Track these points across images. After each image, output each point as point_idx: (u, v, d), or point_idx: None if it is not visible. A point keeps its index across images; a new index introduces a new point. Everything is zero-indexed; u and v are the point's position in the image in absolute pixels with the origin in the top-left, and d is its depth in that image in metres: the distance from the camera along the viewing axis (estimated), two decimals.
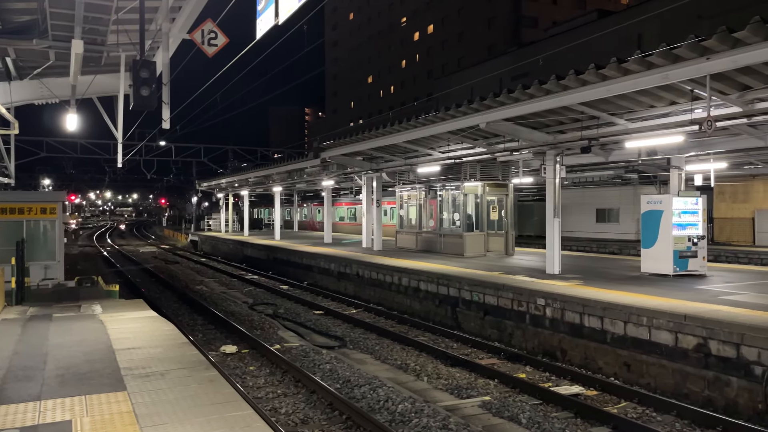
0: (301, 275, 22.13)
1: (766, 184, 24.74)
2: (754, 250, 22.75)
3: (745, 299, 9.85)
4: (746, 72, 9.31)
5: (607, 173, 22.58)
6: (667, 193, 14.16)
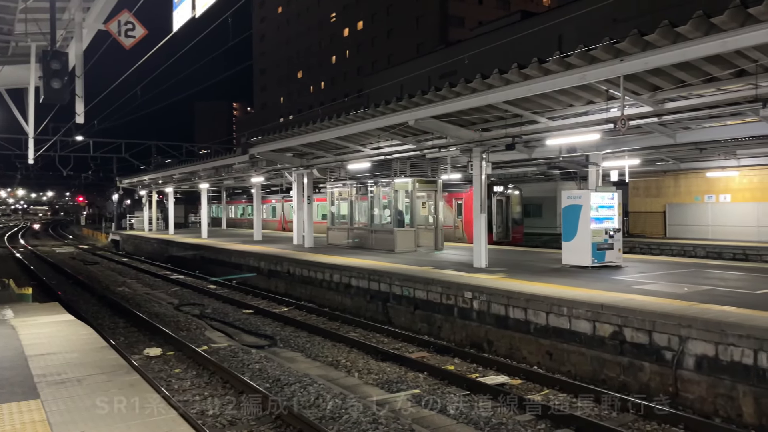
0: (230, 274, 21.65)
1: (676, 180, 26.32)
2: (665, 242, 24.20)
3: (656, 288, 10.47)
4: (656, 73, 9.85)
5: (531, 170, 23.37)
6: (586, 189, 14.84)
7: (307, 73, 78.94)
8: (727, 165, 22.38)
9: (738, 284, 10.97)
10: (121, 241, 40.08)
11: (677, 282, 11.20)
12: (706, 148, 17.24)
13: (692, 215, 25.89)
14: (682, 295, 9.59)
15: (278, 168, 23.78)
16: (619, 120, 9.67)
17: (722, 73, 9.24)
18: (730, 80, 9.51)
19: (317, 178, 23.90)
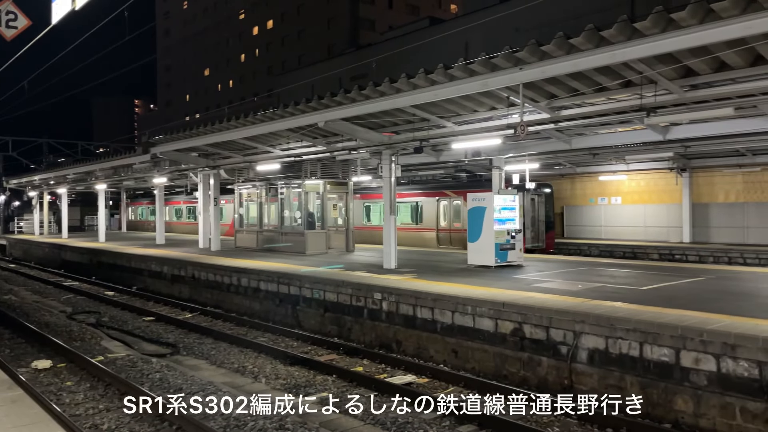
0: (129, 280, 20.59)
1: (572, 183, 27.85)
2: (563, 242, 25.55)
3: (553, 286, 11.02)
4: (553, 82, 10.38)
5: (439, 173, 23.92)
6: (490, 191, 15.38)
7: (214, 70, 76.60)
8: (617, 169, 24.00)
9: (627, 281, 11.76)
10: (9, 246, 37.08)
11: (572, 280, 11.84)
12: (599, 153, 18.36)
13: (587, 216, 27.50)
14: (577, 292, 10.16)
15: (183, 168, 22.92)
16: (518, 126, 10.10)
17: (612, 84, 9.89)
18: (618, 90, 10.20)
19: (225, 179, 23.24)
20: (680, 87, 9.37)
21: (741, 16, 7.08)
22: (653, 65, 8.93)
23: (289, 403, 7.21)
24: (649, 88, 9.52)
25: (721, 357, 6.92)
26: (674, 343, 7.29)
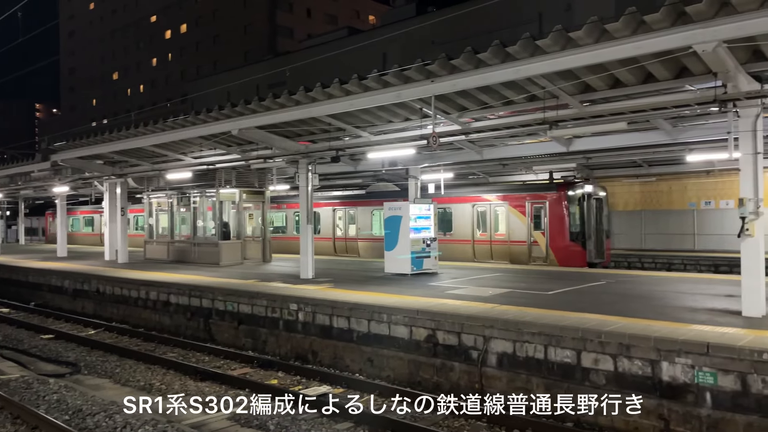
0: (26, 296, 19.23)
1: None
2: None
3: (466, 292, 11.31)
4: (463, 95, 10.71)
5: (357, 182, 24.01)
6: (407, 201, 15.60)
7: (124, 74, 73.35)
8: (527, 179, 24.98)
9: (534, 286, 12.25)
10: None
11: (483, 286, 12.21)
12: (508, 163, 19.07)
13: None
14: (487, 298, 10.48)
15: (87, 177, 21.76)
16: (431, 137, 10.33)
17: (518, 97, 10.33)
18: (524, 104, 10.66)
19: (133, 188, 22.26)
20: (580, 102, 9.92)
21: (632, 36, 7.61)
22: (555, 81, 9.41)
23: (197, 420, 6.96)
24: (552, 102, 10.02)
25: (617, 357, 7.35)
26: (576, 345, 7.67)
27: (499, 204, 19.02)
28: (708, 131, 11.44)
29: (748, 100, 8.19)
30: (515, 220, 18.39)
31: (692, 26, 7.11)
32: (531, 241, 18.01)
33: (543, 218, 17.82)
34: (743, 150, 8.36)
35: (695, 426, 6.65)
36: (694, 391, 6.76)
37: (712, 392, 6.65)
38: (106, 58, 74.76)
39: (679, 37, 7.25)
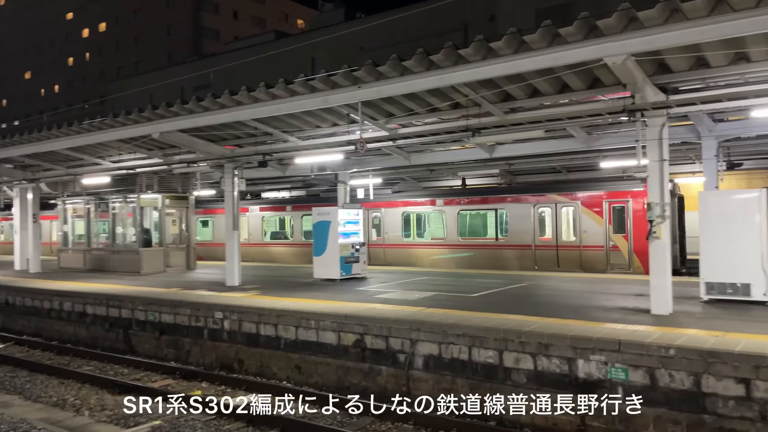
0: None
1: None
2: None
3: (393, 296, 11.41)
4: (390, 102, 10.85)
5: (286, 186, 23.79)
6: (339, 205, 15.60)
7: (37, 74, 69.31)
8: (453, 184, 25.51)
9: (459, 288, 12.52)
10: None
11: (411, 289, 12.35)
12: (435, 169, 19.42)
13: None
14: (414, 301, 10.63)
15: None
16: (358, 142, 10.38)
17: (442, 105, 10.56)
18: (448, 111, 10.91)
19: (47, 194, 21.09)
20: (501, 110, 10.26)
21: (548, 48, 7.95)
22: (478, 89, 9.70)
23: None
24: (475, 110, 10.32)
25: (537, 356, 7.63)
26: (498, 346, 7.90)
27: (568, 204, 16.68)
28: (620, 139, 12.13)
29: (654, 110, 8.73)
30: (590, 223, 16.22)
31: (603, 40, 7.52)
32: (609, 246, 15.87)
33: (626, 220, 15.50)
34: (650, 157, 8.89)
35: (609, 420, 6.98)
36: (607, 387, 7.11)
37: (624, 387, 7.01)
38: (17, 55, 70.40)
39: (591, 50, 7.64)
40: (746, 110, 9.60)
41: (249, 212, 23.38)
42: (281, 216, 23.51)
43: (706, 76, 8.70)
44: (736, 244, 9.52)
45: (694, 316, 8.71)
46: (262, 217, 23.58)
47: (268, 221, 23.76)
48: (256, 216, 23.56)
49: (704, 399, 6.52)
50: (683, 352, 6.68)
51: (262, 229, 23.49)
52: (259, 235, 23.46)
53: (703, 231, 10.02)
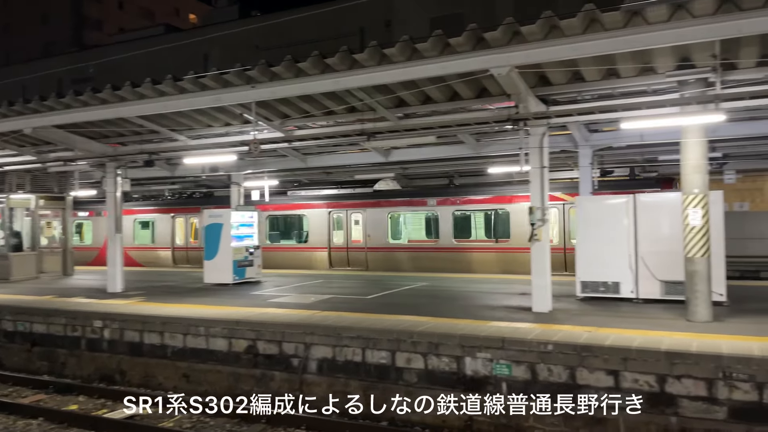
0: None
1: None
2: None
3: (288, 300, 11.28)
4: (285, 103, 10.72)
5: (175, 187, 22.76)
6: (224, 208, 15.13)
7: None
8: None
9: (355, 291, 12.61)
10: None
11: (306, 293, 12.27)
12: (332, 172, 19.42)
13: None
14: (309, 305, 10.56)
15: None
16: (252, 143, 10.16)
17: (338, 108, 10.59)
18: (345, 114, 10.96)
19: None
20: (395, 115, 10.46)
21: (439, 57, 8.19)
22: (373, 94, 9.83)
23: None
24: (370, 114, 10.44)
25: (428, 355, 7.84)
26: (390, 347, 8.03)
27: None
28: (506, 146, 12.74)
29: (536, 120, 9.27)
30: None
31: (489, 51, 7.87)
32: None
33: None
34: (532, 164, 9.43)
35: (494, 414, 7.30)
36: (492, 383, 7.45)
37: (508, 382, 7.37)
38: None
39: (478, 61, 7.97)
40: (616, 122, 10.41)
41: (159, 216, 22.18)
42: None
43: (582, 90, 9.37)
44: (608, 246, 10.34)
45: (571, 312, 9.33)
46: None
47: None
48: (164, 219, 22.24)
49: (579, 390, 6.98)
50: (560, 347, 7.14)
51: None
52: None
53: (579, 233, 10.80)
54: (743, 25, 6.68)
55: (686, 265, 8.48)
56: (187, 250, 21.68)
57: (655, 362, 6.66)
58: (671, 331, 7.58)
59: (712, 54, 7.65)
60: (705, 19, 6.77)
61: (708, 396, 6.41)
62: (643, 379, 6.71)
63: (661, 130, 9.91)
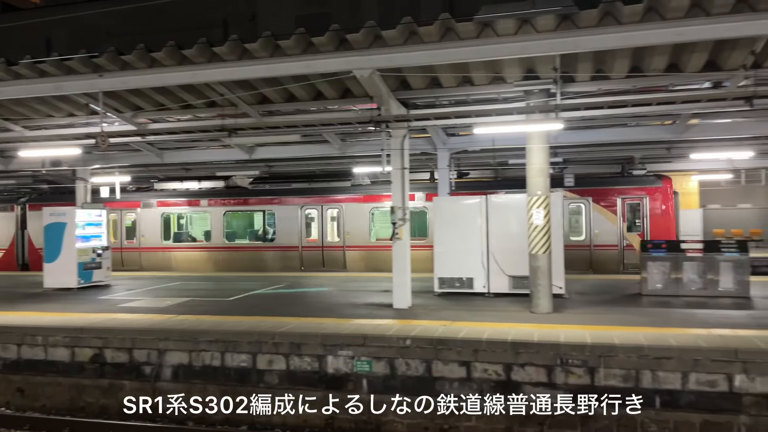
0: None
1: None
2: None
3: (141, 305, 10.61)
4: (138, 94, 10.08)
5: (10, 183, 20.50)
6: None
7: None
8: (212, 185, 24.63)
9: (216, 293, 12.16)
10: None
11: (162, 296, 11.62)
12: (192, 168, 18.59)
13: None
14: (164, 309, 10.01)
15: None
16: (99, 136, 9.43)
17: (197, 102, 10.16)
18: (204, 109, 10.55)
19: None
20: (258, 112, 10.24)
21: (302, 55, 8.16)
22: (234, 89, 9.54)
23: None
24: (231, 110, 10.14)
25: (290, 356, 7.76)
26: (252, 349, 7.85)
27: (579, 201, 15.25)
28: (370, 147, 13.01)
29: (397, 122, 9.53)
30: (603, 221, 15.12)
31: (352, 53, 7.97)
32: (624, 245, 14.93)
33: (644, 218, 14.83)
34: (394, 165, 9.69)
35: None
36: (353, 380, 7.54)
37: (368, 378, 7.51)
38: None
39: (341, 62, 8.05)
40: (470, 127, 11.02)
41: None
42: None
43: (440, 95, 9.82)
44: (463, 243, 10.92)
45: (429, 308, 9.72)
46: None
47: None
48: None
49: (434, 383, 7.30)
50: (417, 342, 7.40)
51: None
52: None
53: (436, 232, 11.29)
54: (580, 42, 7.38)
55: (530, 261, 9.19)
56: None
57: (503, 352, 7.13)
58: (517, 323, 8.17)
59: (554, 67, 8.37)
60: (547, 34, 7.39)
61: (548, 381, 6.99)
62: (492, 368, 7.16)
63: (510, 136, 10.63)
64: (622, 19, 7.10)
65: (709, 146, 14.77)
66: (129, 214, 18.84)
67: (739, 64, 8.20)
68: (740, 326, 7.75)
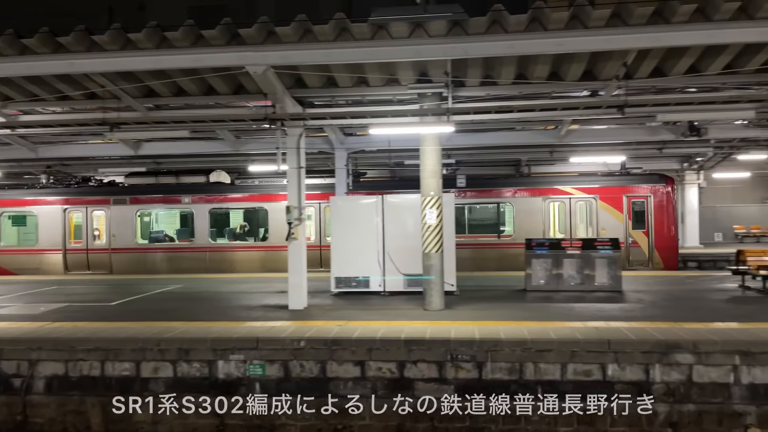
0: None
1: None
2: None
3: (10, 312, 9.74)
4: (6, 83, 9.24)
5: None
6: None
7: None
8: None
9: (97, 297, 11.39)
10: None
11: (36, 302, 10.74)
12: (71, 164, 17.35)
13: None
14: (38, 316, 9.26)
15: None
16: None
17: (75, 93, 9.45)
18: (83, 101, 9.84)
19: None
20: (143, 105, 9.71)
21: (192, 48, 7.83)
22: (117, 81, 8.98)
23: None
24: (114, 103, 9.54)
25: (177, 362, 7.41)
26: (135, 356, 7.42)
27: (584, 198, 15.58)
28: (265, 145, 12.74)
29: (292, 121, 9.40)
30: (609, 218, 15.46)
31: (245, 48, 7.76)
32: (629, 242, 15.33)
33: (648, 215, 15.27)
34: (290, 164, 9.55)
35: (246, 417, 7.20)
36: (246, 384, 7.34)
37: (261, 382, 7.34)
38: None
39: (233, 56, 7.81)
40: (367, 128, 11.10)
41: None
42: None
43: (336, 95, 9.79)
44: (360, 243, 10.98)
45: (325, 308, 9.67)
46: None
47: None
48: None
49: (329, 383, 7.26)
50: (312, 343, 7.33)
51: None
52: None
53: (333, 231, 11.26)
54: (469, 48, 7.64)
55: (423, 260, 9.40)
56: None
57: (396, 350, 7.23)
58: (411, 321, 8.33)
59: (445, 71, 8.60)
60: (438, 39, 7.58)
61: (439, 377, 7.17)
62: (386, 366, 7.23)
63: (405, 137, 10.82)
64: (508, 27, 7.43)
65: (587, 150, 15.89)
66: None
67: (613, 75, 8.84)
68: (613, 318, 8.37)
